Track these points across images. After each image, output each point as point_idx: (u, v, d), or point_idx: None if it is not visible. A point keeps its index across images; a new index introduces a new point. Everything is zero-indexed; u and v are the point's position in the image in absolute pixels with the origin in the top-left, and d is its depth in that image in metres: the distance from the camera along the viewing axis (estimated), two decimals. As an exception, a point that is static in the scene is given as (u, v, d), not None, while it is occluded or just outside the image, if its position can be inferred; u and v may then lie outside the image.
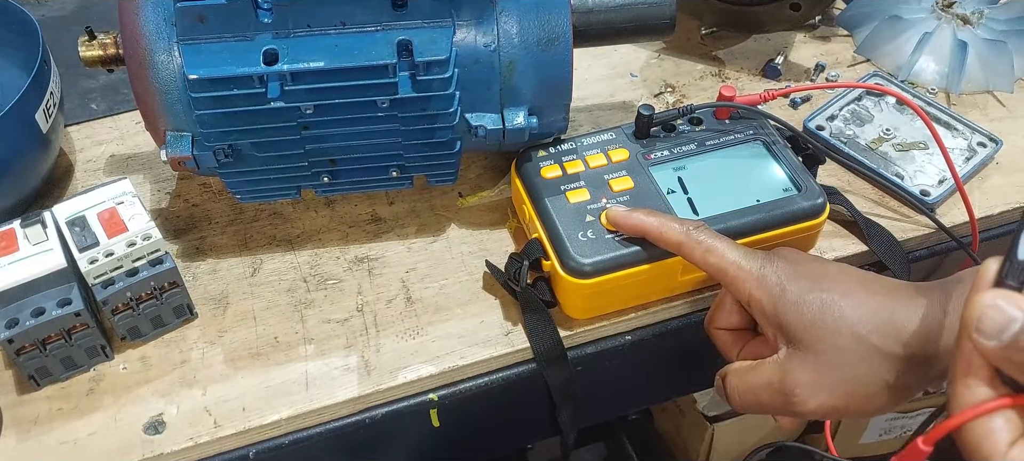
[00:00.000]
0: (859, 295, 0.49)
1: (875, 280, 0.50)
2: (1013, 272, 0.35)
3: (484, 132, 0.60)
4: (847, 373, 0.48)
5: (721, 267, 0.52)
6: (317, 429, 0.58)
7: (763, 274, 0.51)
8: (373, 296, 0.63)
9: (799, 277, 0.50)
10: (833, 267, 0.52)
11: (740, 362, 0.54)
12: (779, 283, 0.50)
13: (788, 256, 0.52)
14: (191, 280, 0.64)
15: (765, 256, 0.52)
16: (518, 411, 0.65)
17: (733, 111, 0.67)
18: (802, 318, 0.49)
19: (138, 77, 0.57)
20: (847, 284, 0.49)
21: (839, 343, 0.48)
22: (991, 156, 0.72)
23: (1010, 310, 0.34)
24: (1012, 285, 0.35)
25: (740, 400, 0.53)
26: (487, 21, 0.58)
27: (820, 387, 0.49)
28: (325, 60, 0.55)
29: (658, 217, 0.56)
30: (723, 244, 0.53)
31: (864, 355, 0.47)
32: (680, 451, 1.22)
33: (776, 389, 0.50)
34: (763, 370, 0.51)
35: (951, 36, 0.81)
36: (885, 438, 1.20)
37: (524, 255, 0.60)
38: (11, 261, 0.55)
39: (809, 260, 0.52)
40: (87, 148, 0.75)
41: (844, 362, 0.48)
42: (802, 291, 0.49)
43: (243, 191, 0.63)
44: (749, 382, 0.52)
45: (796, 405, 0.49)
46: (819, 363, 0.48)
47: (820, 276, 0.50)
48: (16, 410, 0.57)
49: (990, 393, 0.35)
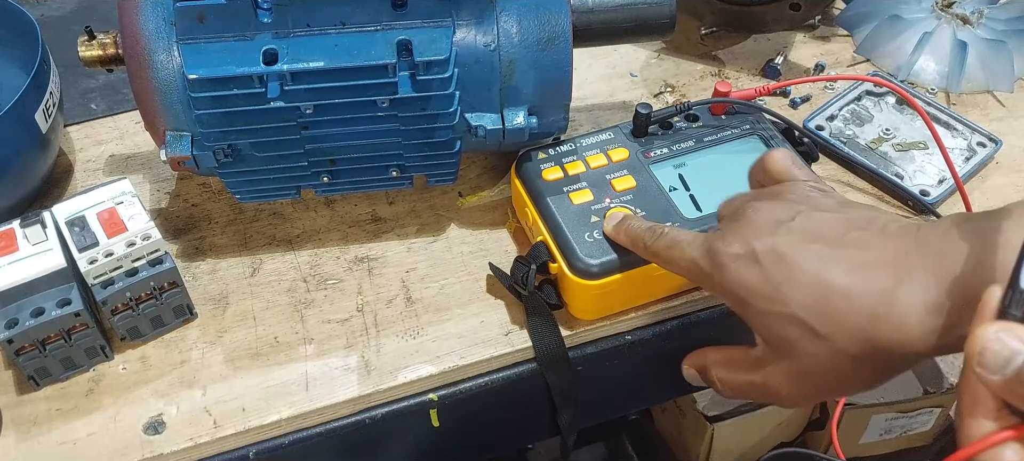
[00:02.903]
0: (836, 301, 0.44)
1: (874, 243, 0.45)
2: (1016, 301, 0.34)
3: (484, 132, 0.60)
4: (831, 377, 0.46)
5: (680, 268, 0.51)
6: (317, 429, 0.58)
7: (724, 283, 0.48)
8: (373, 296, 0.63)
9: (763, 284, 0.46)
10: (811, 256, 0.45)
11: (717, 352, 0.53)
12: (745, 292, 0.47)
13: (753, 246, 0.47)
14: (191, 280, 0.64)
15: (727, 258, 0.48)
16: (518, 411, 0.65)
17: (729, 107, 0.67)
18: (770, 331, 0.47)
19: (138, 77, 0.57)
20: (824, 283, 0.44)
21: (814, 352, 0.46)
22: (991, 156, 0.72)
23: (1012, 343, 0.33)
24: (1015, 315, 0.34)
25: (726, 393, 0.53)
26: (487, 21, 0.58)
27: (805, 387, 0.48)
28: (325, 60, 0.55)
29: (627, 230, 0.56)
30: (680, 248, 0.51)
31: (848, 365, 0.45)
32: (680, 451, 1.22)
33: (760, 390, 0.50)
34: (744, 372, 0.51)
35: (951, 36, 0.81)
36: (885, 438, 1.20)
37: (530, 259, 0.60)
38: (11, 261, 0.55)
39: (779, 256, 0.46)
40: (87, 148, 0.75)
41: (824, 368, 0.46)
42: (765, 305, 0.46)
43: (243, 191, 0.63)
44: (732, 382, 0.52)
45: (784, 401, 0.49)
46: (798, 368, 0.47)
47: (789, 280, 0.45)
48: (16, 410, 0.57)
49: (997, 425, 0.34)
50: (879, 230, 0.46)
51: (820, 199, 0.50)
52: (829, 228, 0.46)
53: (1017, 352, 0.33)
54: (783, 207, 0.49)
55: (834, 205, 0.49)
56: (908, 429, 1.20)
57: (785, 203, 0.49)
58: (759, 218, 0.48)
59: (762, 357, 0.49)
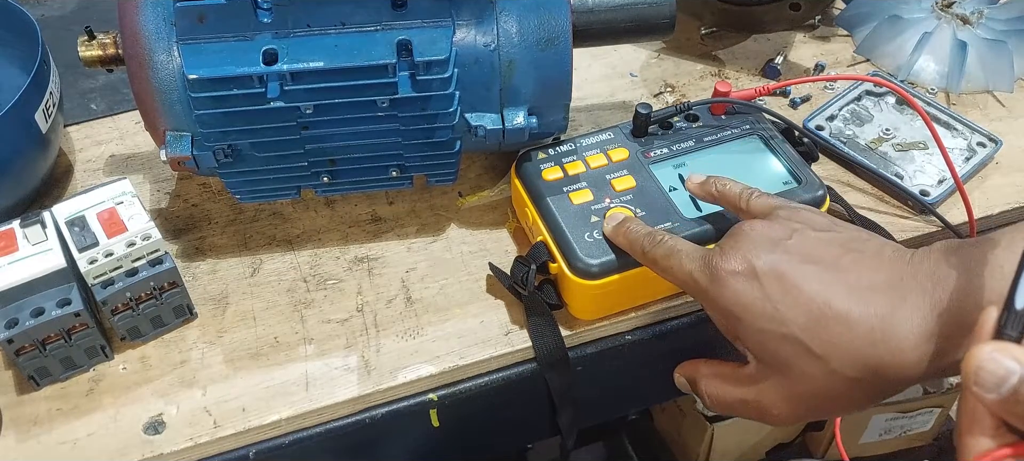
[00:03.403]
0: (833, 324, 0.44)
1: (869, 266, 0.46)
2: (1011, 322, 0.35)
3: (484, 132, 0.60)
4: (824, 397, 0.47)
5: (677, 279, 0.51)
6: (317, 429, 0.58)
7: (720, 299, 0.48)
8: (373, 296, 0.63)
9: (762, 302, 0.46)
10: (809, 276, 0.46)
11: (709, 365, 0.54)
12: (741, 308, 0.47)
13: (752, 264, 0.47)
14: (191, 280, 0.64)
15: (726, 273, 0.48)
16: (518, 411, 0.65)
17: (729, 106, 0.67)
18: (765, 349, 0.47)
19: (138, 77, 0.57)
20: (821, 304, 0.45)
21: (809, 372, 0.46)
22: (991, 156, 0.72)
23: (1007, 363, 0.34)
24: (1011, 336, 0.35)
25: (717, 408, 0.53)
26: (487, 21, 0.58)
27: (797, 406, 0.48)
28: (325, 60, 0.55)
29: (626, 233, 0.56)
30: (678, 258, 0.51)
31: (842, 386, 0.45)
32: (680, 451, 1.22)
33: (752, 407, 0.50)
34: (736, 387, 0.51)
35: (951, 36, 0.81)
36: (885, 438, 1.20)
37: (530, 259, 0.60)
38: (10, 261, 0.55)
39: (778, 275, 0.46)
40: (87, 148, 0.75)
41: (818, 389, 0.46)
42: (762, 323, 0.46)
43: (243, 191, 0.63)
44: (723, 397, 0.52)
45: (775, 420, 0.49)
46: (792, 387, 0.47)
47: (787, 298, 0.46)
48: (15, 410, 0.57)
49: (994, 443, 0.35)
50: (874, 254, 0.47)
51: (812, 217, 0.50)
52: (825, 249, 0.47)
53: (1012, 371, 0.33)
54: (779, 226, 0.49)
55: (827, 224, 0.49)
56: (908, 429, 1.20)
57: (780, 223, 0.50)
58: (756, 235, 0.49)
59: (755, 374, 0.49)
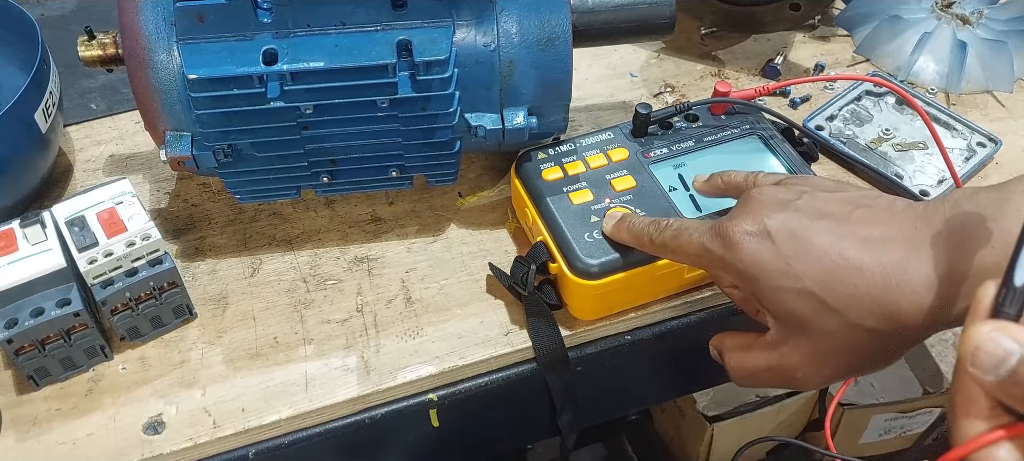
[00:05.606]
0: (847, 275, 0.44)
1: (881, 219, 0.46)
2: (1010, 299, 0.33)
3: (484, 132, 0.60)
4: (845, 353, 0.47)
5: (690, 255, 0.51)
6: (317, 429, 0.58)
7: (737, 261, 0.48)
8: (373, 296, 0.63)
9: (777, 260, 0.46)
10: (821, 230, 0.46)
11: (734, 337, 0.53)
12: (757, 268, 0.47)
13: (765, 224, 0.47)
14: (190, 280, 0.64)
15: (739, 235, 0.48)
16: (518, 411, 0.65)
17: (729, 106, 0.67)
18: (783, 308, 0.47)
19: (137, 77, 0.57)
20: (835, 256, 0.45)
21: (828, 327, 0.46)
22: (990, 156, 0.72)
23: (1006, 343, 0.32)
24: (1009, 314, 0.33)
25: (742, 381, 0.53)
26: (487, 21, 0.58)
27: (821, 366, 0.48)
28: (325, 60, 0.55)
29: (629, 227, 0.56)
30: (687, 234, 0.51)
31: (862, 339, 0.46)
32: (680, 451, 1.22)
33: (776, 373, 0.50)
34: (760, 353, 0.51)
35: (951, 36, 0.81)
36: (885, 438, 1.20)
37: (530, 259, 0.60)
38: (10, 261, 0.55)
39: (790, 231, 0.47)
40: (86, 148, 0.75)
41: (838, 345, 0.46)
42: (779, 280, 0.46)
43: (243, 191, 0.63)
44: (748, 366, 0.52)
45: (800, 383, 0.49)
46: (813, 345, 0.47)
47: (800, 254, 0.46)
48: (15, 410, 0.57)
49: (990, 425, 0.34)
50: (885, 207, 0.47)
51: (820, 181, 0.51)
52: (836, 205, 0.48)
53: (1011, 352, 0.32)
54: (787, 189, 0.50)
55: (835, 186, 0.50)
56: (908, 429, 1.20)
57: (788, 186, 0.50)
58: (766, 198, 0.49)
59: (777, 339, 0.49)
